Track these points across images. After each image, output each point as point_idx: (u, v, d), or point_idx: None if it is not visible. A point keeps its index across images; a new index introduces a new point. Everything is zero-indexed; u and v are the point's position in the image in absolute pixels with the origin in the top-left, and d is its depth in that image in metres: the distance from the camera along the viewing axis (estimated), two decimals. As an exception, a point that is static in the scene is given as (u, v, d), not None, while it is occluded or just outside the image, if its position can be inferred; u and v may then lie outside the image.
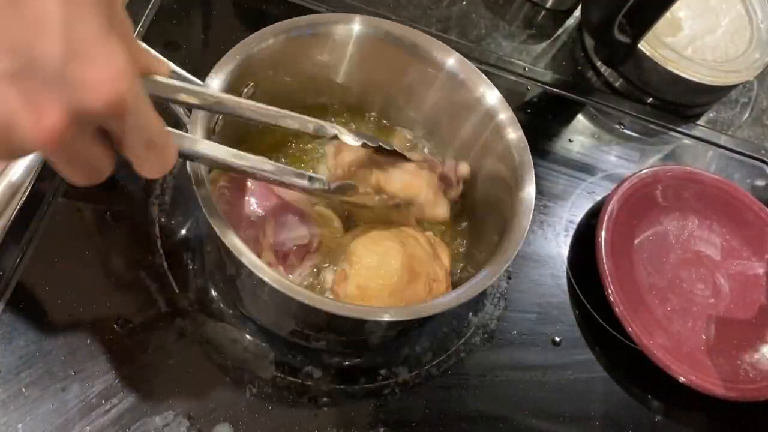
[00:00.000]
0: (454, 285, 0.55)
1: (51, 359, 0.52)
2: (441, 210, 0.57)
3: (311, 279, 0.54)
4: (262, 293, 0.51)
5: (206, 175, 0.45)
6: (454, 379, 0.61)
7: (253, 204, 0.51)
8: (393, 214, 0.55)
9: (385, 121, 0.65)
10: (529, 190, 0.51)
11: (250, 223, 0.51)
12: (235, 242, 0.42)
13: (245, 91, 0.52)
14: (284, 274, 0.51)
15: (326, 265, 0.54)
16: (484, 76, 0.56)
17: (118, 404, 0.52)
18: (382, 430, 0.56)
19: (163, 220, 0.61)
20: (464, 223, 0.62)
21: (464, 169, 0.59)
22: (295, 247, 0.52)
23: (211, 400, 0.54)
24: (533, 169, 0.53)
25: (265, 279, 0.42)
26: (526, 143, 0.54)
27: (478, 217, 0.60)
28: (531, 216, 0.50)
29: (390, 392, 0.58)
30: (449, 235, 0.61)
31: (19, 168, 0.63)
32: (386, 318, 0.45)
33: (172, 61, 0.56)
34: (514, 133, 0.54)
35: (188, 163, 0.44)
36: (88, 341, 0.54)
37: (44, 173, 0.60)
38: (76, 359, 0.53)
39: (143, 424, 0.52)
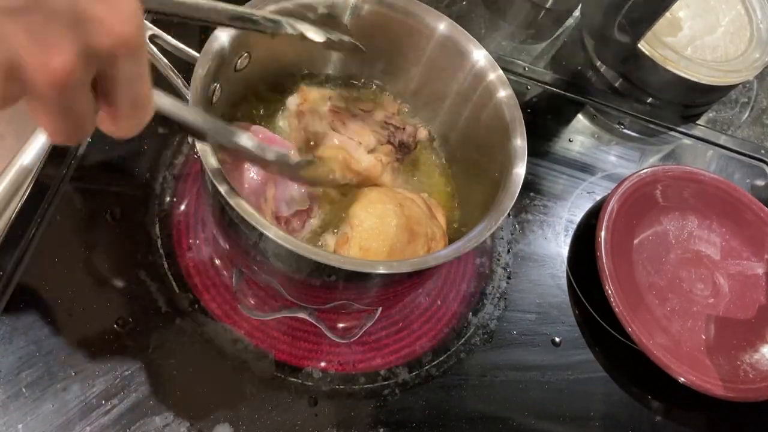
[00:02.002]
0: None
1: (51, 359, 0.52)
2: (395, 182, 0.60)
3: (312, 243, 0.55)
4: (267, 258, 0.50)
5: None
6: (454, 379, 0.61)
7: (252, 173, 0.52)
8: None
9: (378, 87, 0.65)
10: (521, 141, 0.53)
11: (251, 191, 0.51)
12: (240, 203, 0.42)
13: (239, 61, 0.53)
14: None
15: (326, 228, 0.55)
16: (474, 39, 0.57)
17: (119, 404, 0.52)
18: (381, 430, 0.56)
19: (163, 220, 0.61)
20: (459, 184, 0.62)
21: (423, 134, 0.61)
22: (295, 213, 0.53)
23: (211, 400, 0.54)
24: (524, 124, 0.53)
25: (274, 237, 0.42)
26: (516, 100, 0.55)
27: (471, 176, 0.61)
28: (525, 167, 0.51)
29: (390, 392, 0.58)
30: (444, 197, 0.62)
31: (20, 167, 0.63)
32: (388, 271, 0.45)
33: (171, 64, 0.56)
34: (504, 92, 0.55)
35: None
36: (88, 341, 0.54)
37: (44, 173, 0.60)
38: (76, 359, 0.53)
39: (143, 424, 0.52)
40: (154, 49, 0.47)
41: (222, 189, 0.42)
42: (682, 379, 0.63)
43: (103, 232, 0.59)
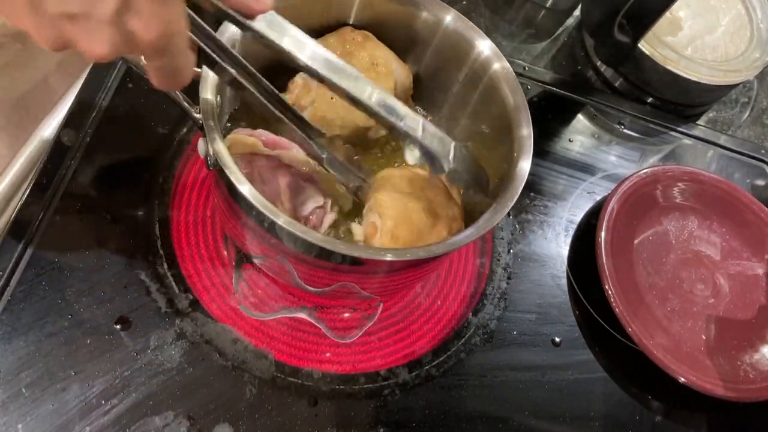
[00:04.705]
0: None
1: (51, 359, 0.52)
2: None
3: (335, 233, 0.56)
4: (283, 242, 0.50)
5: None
6: (454, 379, 0.61)
7: (264, 176, 0.52)
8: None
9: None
10: (527, 129, 0.53)
11: (265, 195, 0.51)
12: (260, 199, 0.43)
13: None
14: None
15: (348, 218, 0.55)
16: (479, 29, 0.57)
17: (118, 404, 0.52)
18: (382, 430, 0.56)
19: (163, 219, 0.61)
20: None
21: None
22: (312, 211, 0.53)
23: (211, 400, 0.54)
24: (529, 113, 0.53)
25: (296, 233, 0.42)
26: (521, 90, 0.55)
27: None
28: (531, 154, 0.51)
29: (390, 393, 0.58)
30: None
31: (19, 168, 0.63)
32: (415, 257, 0.45)
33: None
34: (508, 82, 0.55)
35: (202, 143, 0.45)
36: (88, 341, 0.54)
37: (45, 173, 0.60)
38: (76, 359, 0.53)
39: (143, 424, 0.52)
40: None
41: (241, 188, 0.43)
42: (682, 379, 0.63)
43: (103, 232, 0.59)
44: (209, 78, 0.46)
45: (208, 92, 0.46)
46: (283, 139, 0.55)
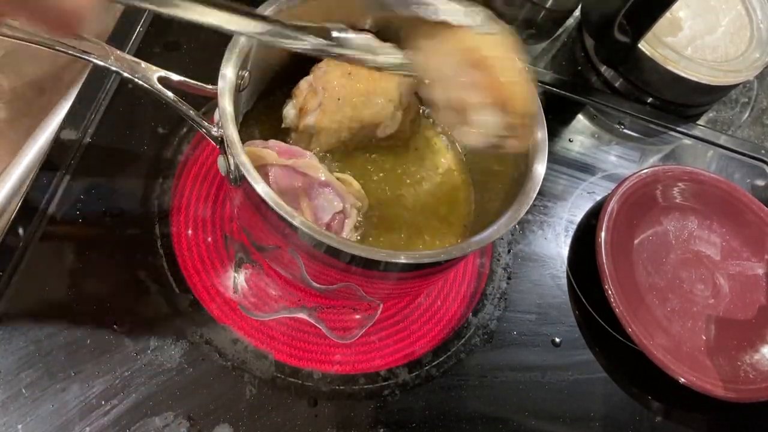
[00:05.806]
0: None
1: (51, 359, 0.52)
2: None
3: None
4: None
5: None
6: (454, 379, 0.61)
7: (281, 186, 0.52)
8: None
9: None
10: (542, 133, 0.52)
11: (287, 203, 0.51)
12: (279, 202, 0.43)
13: (241, 83, 0.52)
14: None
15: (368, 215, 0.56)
16: None
17: (118, 405, 0.52)
18: (381, 430, 0.56)
19: (163, 219, 0.61)
20: (476, 180, 0.63)
21: None
22: (333, 217, 0.53)
23: (211, 400, 0.54)
24: (543, 115, 0.53)
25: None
26: (535, 90, 0.55)
27: (489, 172, 0.61)
28: (546, 157, 0.51)
29: (390, 393, 0.58)
30: (462, 192, 0.62)
31: (19, 168, 0.63)
32: (422, 261, 0.46)
33: (171, 62, 0.57)
34: None
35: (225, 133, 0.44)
36: (88, 341, 0.54)
37: (44, 172, 0.60)
38: (76, 359, 0.53)
39: (143, 424, 0.52)
40: (166, 91, 0.47)
41: (258, 188, 0.43)
42: (682, 379, 0.63)
43: (103, 232, 0.59)
44: (227, 93, 0.46)
45: (227, 106, 0.46)
46: (295, 147, 0.55)
